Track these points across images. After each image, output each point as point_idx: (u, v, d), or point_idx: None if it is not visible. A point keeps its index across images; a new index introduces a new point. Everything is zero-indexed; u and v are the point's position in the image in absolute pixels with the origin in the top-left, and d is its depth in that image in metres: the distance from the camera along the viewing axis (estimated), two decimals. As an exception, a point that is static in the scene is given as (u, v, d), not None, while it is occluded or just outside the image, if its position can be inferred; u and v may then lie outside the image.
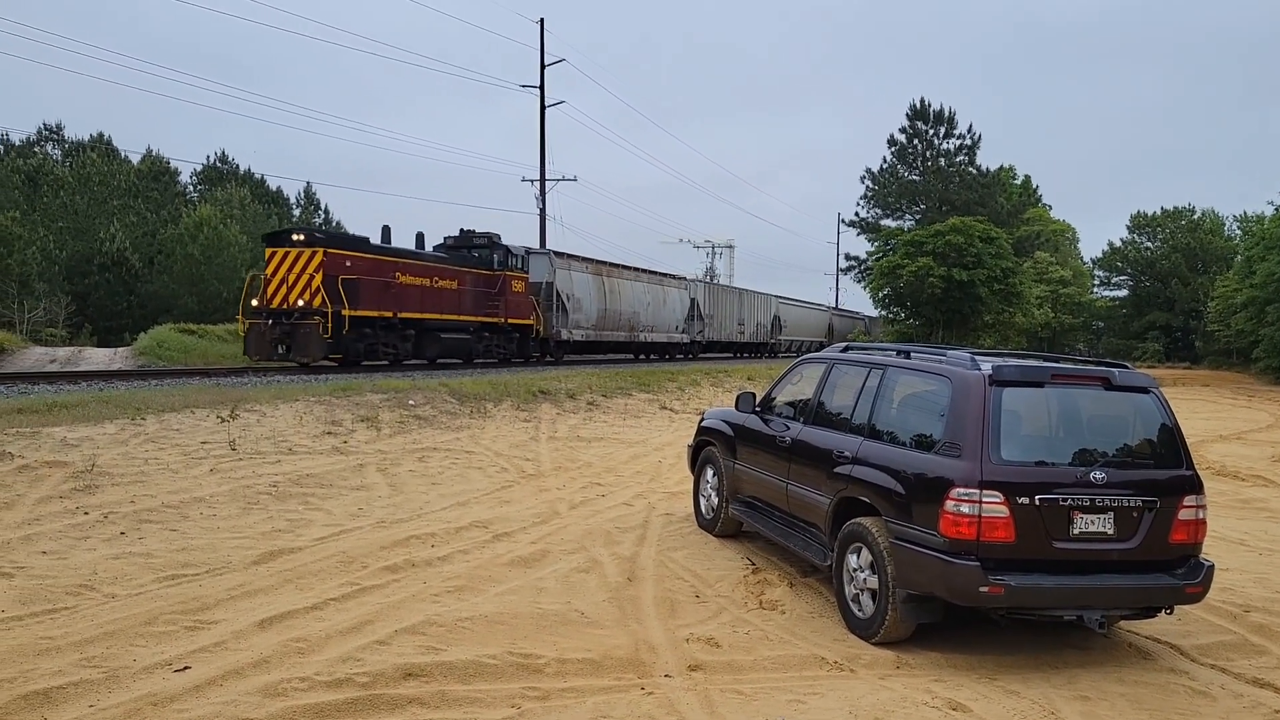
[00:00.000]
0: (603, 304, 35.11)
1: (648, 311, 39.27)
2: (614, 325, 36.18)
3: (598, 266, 35.74)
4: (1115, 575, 5.81)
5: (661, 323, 40.72)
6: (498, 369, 25.97)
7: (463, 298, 26.70)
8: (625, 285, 37.57)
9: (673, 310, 42.18)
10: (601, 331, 35.18)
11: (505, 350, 29.29)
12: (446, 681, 5.10)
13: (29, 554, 6.83)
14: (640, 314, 38.49)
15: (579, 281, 33.60)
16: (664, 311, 40.98)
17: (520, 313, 29.42)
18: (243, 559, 7.11)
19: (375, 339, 23.09)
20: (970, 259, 46.88)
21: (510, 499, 10.09)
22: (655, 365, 33.09)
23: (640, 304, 38.54)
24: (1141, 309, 72.39)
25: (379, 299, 22.85)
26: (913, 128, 70.63)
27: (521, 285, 29.55)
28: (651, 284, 40.27)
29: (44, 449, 9.68)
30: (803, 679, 5.54)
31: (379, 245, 24.08)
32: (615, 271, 37.24)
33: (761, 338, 54.30)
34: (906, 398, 6.72)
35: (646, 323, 39.22)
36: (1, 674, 4.77)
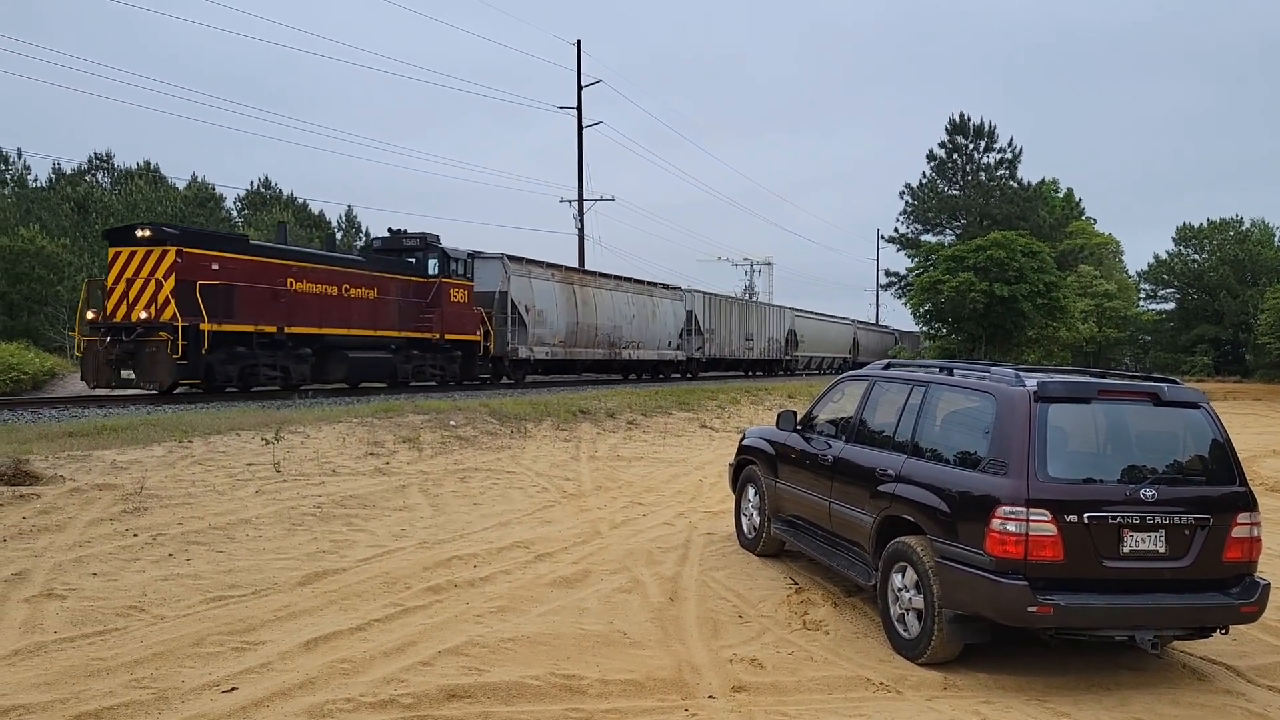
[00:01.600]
0: (573, 317, 31.09)
1: (632, 325, 35.34)
2: (589, 341, 32.28)
3: (567, 274, 31.81)
4: (1167, 594, 5.70)
5: (650, 338, 36.86)
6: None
7: (384, 309, 23.01)
8: (603, 296, 33.69)
9: (664, 324, 38.22)
10: (572, 349, 31.24)
11: (443, 371, 25.45)
12: (490, 703, 5.10)
13: (80, 575, 6.94)
14: (623, 328, 34.49)
15: (542, 291, 29.55)
16: (653, 326, 37.12)
17: (462, 327, 25.50)
18: (288, 580, 7.17)
19: (254, 359, 19.47)
20: (1012, 273, 46.42)
21: (551, 519, 10.10)
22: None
23: (622, 317, 34.59)
24: (1189, 322, 71.15)
25: (260, 310, 19.31)
26: (952, 142, 70.20)
27: (463, 295, 25.53)
28: (637, 294, 36.31)
29: (94, 472, 9.84)
30: (848, 701, 5.48)
31: (264, 245, 20.93)
32: (590, 280, 33.25)
33: (774, 354, 50.27)
34: (950, 415, 6.65)
35: (631, 338, 35.25)
36: (54, 694, 4.84)
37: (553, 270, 30.86)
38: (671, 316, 38.85)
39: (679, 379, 38.76)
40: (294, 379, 20.68)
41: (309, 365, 21.05)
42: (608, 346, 33.45)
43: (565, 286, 31.10)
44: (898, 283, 74.60)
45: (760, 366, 49.65)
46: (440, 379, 25.37)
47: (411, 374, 24.22)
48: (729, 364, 45.78)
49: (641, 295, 36.76)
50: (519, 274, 28.48)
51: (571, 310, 31.10)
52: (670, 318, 38.69)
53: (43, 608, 6.19)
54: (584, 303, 31.95)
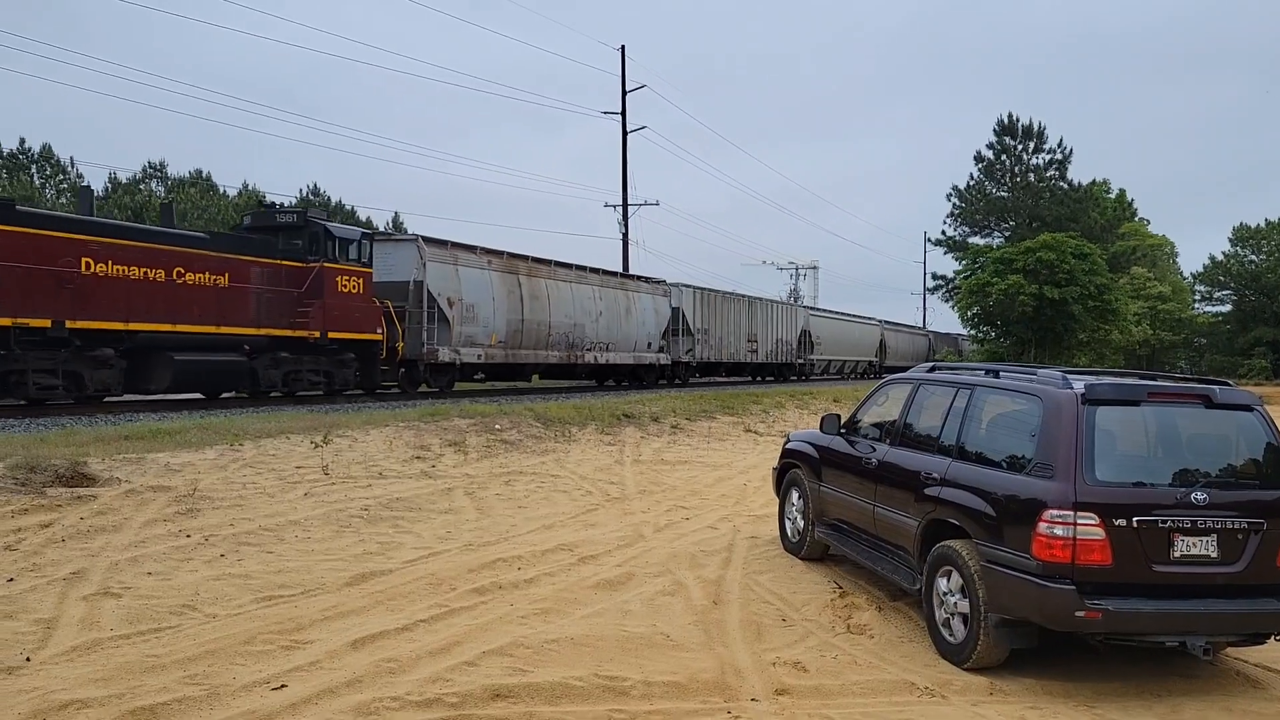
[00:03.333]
0: (517, 313, 26.46)
1: (599, 324, 30.47)
2: (539, 342, 27.55)
3: (510, 262, 26.93)
4: (1220, 600, 5.60)
5: (624, 339, 31.91)
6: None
7: (237, 300, 18.64)
8: (559, 289, 28.81)
9: (641, 323, 33.18)
10: (516, 350, 26.57)
11: (328, 378, 21.11)
12: (534, 703, 5.14)
13: (135, 575, 7.09)
14: (586, 327, 29.72)
15: (472, 281, 24.83)
16: (627, 324, 32.18)
17: (352, 323, 20.97)
18: (336, 580, 7.28)
19: (13, 363, 15.29)
20: (1062, 276, 45.79)
21: (595, 522, 10.15)
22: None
23: (585, 313, 29.83)
24: (1246, 324, 69.62)
25: (24, 299, 15.09)
26: (1000, 143, 69.45)
27: (356, 284, 21.11)
28: (606, 288, 31.43)
29: (149, 474, 10.05)
30: (892, 705, 5.45)
31: (41, 214, 17.04)
32: (540, 269, 28.34)
33: (783, 357, 45.31)
34: (996, 418, 6.59)
35: (597, 338, 30.38)
36: (111, 690, 4.95)
37: (489, 257, 26.13)
38: (652, 314, 34.04)
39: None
40: (90, 388, 16.49)
41: (114, 371, 16.81)
42: (565, 348, 28.78)
43: (506, 276, 26.43)
44: (945, 286, 73.91)
45: (768, 371, 44.95)
46: (329, 388, 21.26)
47: (281, 381, 19.97)
48: (730, 368, 41.71)
49: (613, 289, 31.94)
50: (439, 260, 23.83)
51: (514, 305, 26.39)
52: (650, 315, 33.89)
53: (99, 605, 6.34)
54: (532, 296, 27.27)
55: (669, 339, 35.43)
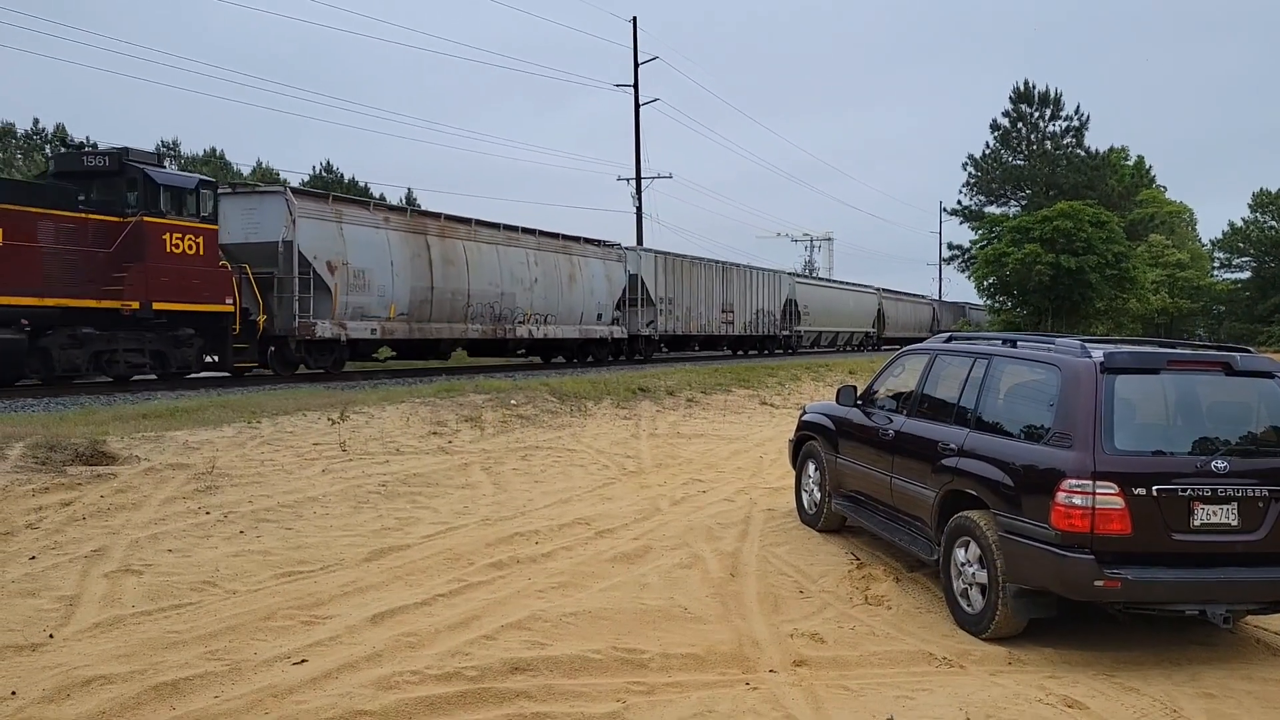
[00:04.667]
0: (425, 279, 22.92)
1: (533, 292, 26.82)
2: (453, 314, 23.91)
3: (416, 220, 23.55)
4: (1240, 568, 5.57)
5: (567, 309, 28.37)
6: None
7: (13, 262, 15.15)
8: (481, 252, 25.03)
9: (589, 291, 29.47)
10: (423, 324, 22.99)
11: (156, 360, 17.61)
12: (552, 676, 5.16)
13: (156, 552, 7.15)
14: (518, 296, 26.11)
15: (362, 242, 21.22)
16: (571, 293, 28.53)
17: (191, 291, 17.52)
18: (354, 556, 7.32)
19: None
20: (1080, 244, 45.45)
21: (612, 496, 10.16)
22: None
23: (516, 281, 26.14)
24: (1266, 291, 68.99)
25: None
26: (1016, 110, 68.78)
27: (194, 243, 17.56)
28: (544, 251, 27.74)
29: (168, 452, 10.12)
30: (911, 675, 5.45)
31: None
32: (454, 229, 24.51)
33: (765, 329, 42.18)
34: (1014, 388, 6.55)
35: (532, 309, 26.75)
36: (133, 665, 5.00)
37: (387, 213, 22.84)
38: (603, 282, 30.31)
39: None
40: None
41: None
42: (490, 321, 25.20)
43: (411, 237, 22.80)
44: (961, 256, 73.47)
45: (748, 345, 42.19)
46: (157, 370, 17.79)
47: (90, 363, 16.53)
48: (703, 341, 38.71)
49: (552, 253, 28.21)
50: (316, 215, 20.24)
51: (421, 270, 22.87)
52: (601, 283, 30.21)
53: (121, 583, 6.39)
54: (445, 260, 23.66)
55: (626, 310, 31.98)
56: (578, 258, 29.42)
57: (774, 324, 43.15)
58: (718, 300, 38.14)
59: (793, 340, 45.36)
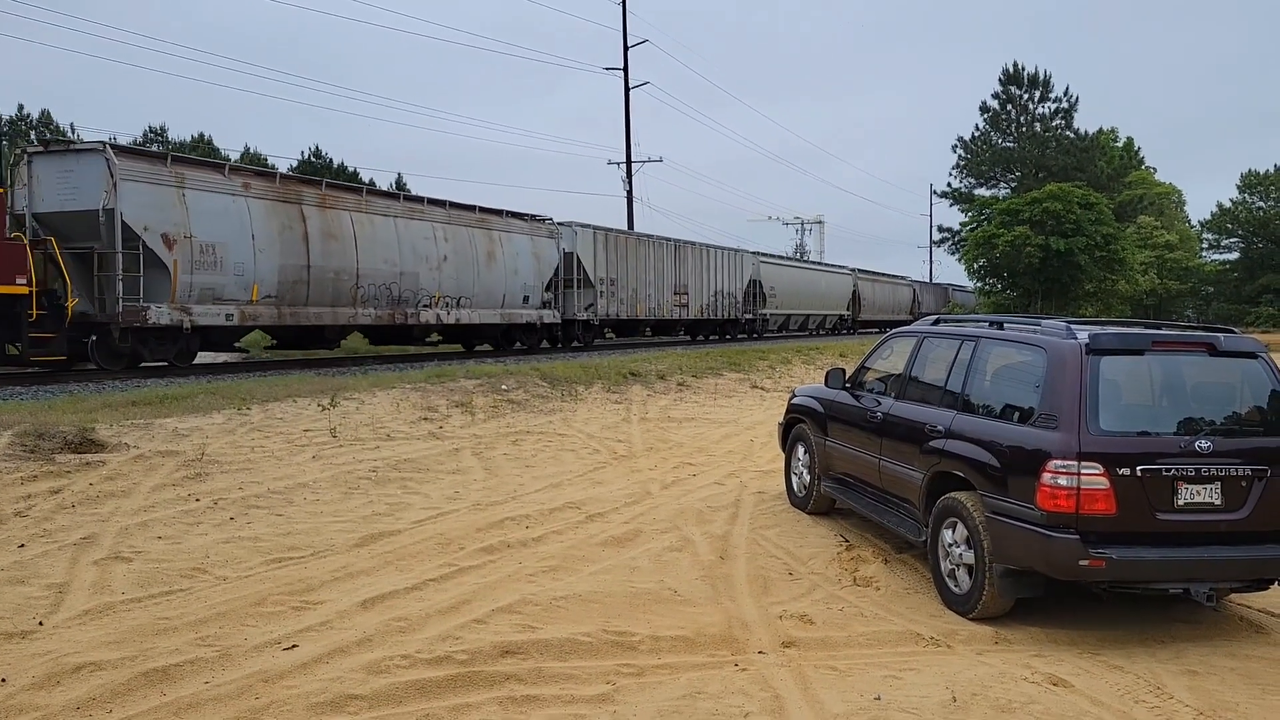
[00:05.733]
0: (299, 256, 19.81)
1: (442, 271, 23.73)
2: (338, 296, 20.85)
3: (286, 187, 20.10)
4: (1224, 547, 5.62)
5: (485, 292, 25.26)
6: None
7: None
8: (374, 226, 21.81)
9: (513, 271, 26.45)
10: (299, 308, 19.95)
11: None
12: (543, 659, 5.20)
13: (146, 539, 7.15)
14: (422, 276, 23.10)
15: (214, 212, 18.15)
16: (490, 273, 25.45)
17: None
18: (345, 542, 7.33)
19: None
20: (1069, 226, 45.60)
21: (602, 480, 10.19)
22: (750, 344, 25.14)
23: (420, 259, 23.10)
24: (1254, 272, 69.26)
25: None
26: (1005, 92, 68.77)
27: None
28: (456, 225, 24.53)
29: (157, 439, 10.10)
30: (898, 655, 5.50)
31: None
32: (339, 199, 21.29)
33: (725, 312, 39.31)
34: (1000, 369, 6.59)
35: (440, 290, 23.68)
36: (123, 652, 5.02)
37: (246, 178, 19.41)
38: (529, 260, 27.22)
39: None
40: None
41: None
42: (387, 305, 22.17)
43: (280, 207, 19.56)
44: (951, 238, 73.57)
45: (706, 329, 39.47)
46: None
47: None
48: (656, 326, 35.88)
49: (465, 228, 24.87)
50: (148, 179, 17.02)
51: (294, 246, 19.71)
52: (528, 262, 27.14)
53: (111, 570, 6.40)
54: (327, 234, 20.49)
55: (560, 292, 29.06)
56: (499, 233, 26.13)
57: (735, 307, 40.25)
58: (670, 281, 35.18)
59: (757, 324, 42.70)
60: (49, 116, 54.40)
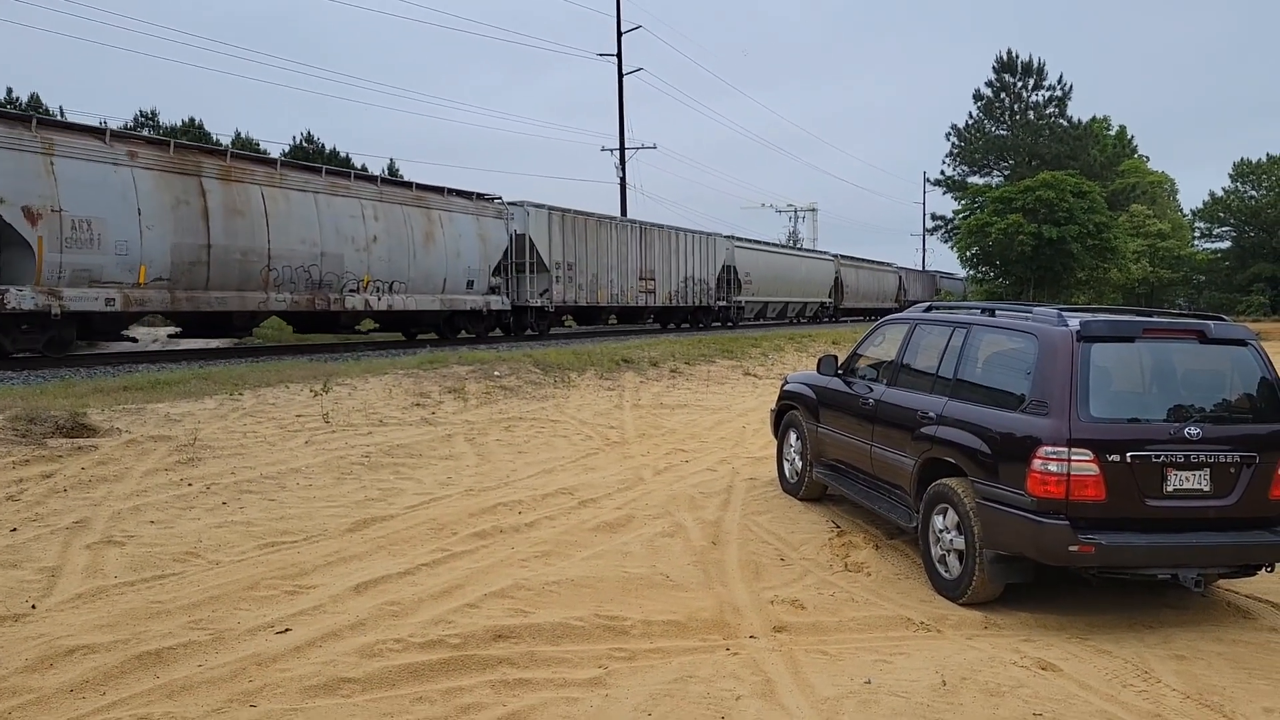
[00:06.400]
0: (198, 235, 17.69)
1: (371, 253, 21.66)
2: (245, 279, 18.73)
3: (182, 156, 17.88)
4: (1212, 533, 5.66)
5: (422, 275, 23.21)
6: None
7: None
8: (290, 202, 19.71)
9: (455, 253, 24.20)
10: (197, 292, 17.75)
11: None
12: (535, 643, 5.22)
13: (138, 523, 7.15)
14: (347, 257, 21.03)
15: (91, 182, 16.04)
16: (428, 255, 23.37)
17: None
18: (338, 527, 7.34)
19: None
20: (1062, 215, 45.69)
21: (595, 466, 10.21)
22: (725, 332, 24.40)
23: (346, 239, 20.97)
24: (1245, 261, 69.44)
25: None
26: (1000, 80, 68.79)
27: None
28: (387, 203, 22.38)
29: (149, 424, 10.09)
30: (889, 640, 5.53)
31: None
32: (247, 172, 19.10)
33: (696, 299, 37.43)
34: (992, 356, 6.61)
35: (370, 272, 21.55)
36: (116, 635, 5.02)
37: (132, 146, 17.23)
38: (474, 242, 24.96)
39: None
40: None
41: None
42: (305, 289, 20.02)
43: (173, 180, 17.39)
44: (944, 226, 73.62)
45: (676, 316, 37.66)
46: None
47: None
48: (623, 313, 34.34)
49: (398, 205, 22.77)
50: (5, 145, 14.99)
51: (191, 222, 17.58)
52: (472, 244, 24.86)
53: (103, 554, 6.40)
54: (231, 210, 18.40)
55: (512, 277, 27.05)
56: (439, 213, 23.94)
57: (708, 294, 38.37)
58: (634, 266, 32.97)
59: (732, 312, 40.55)
60: (38, 100, 53.99)
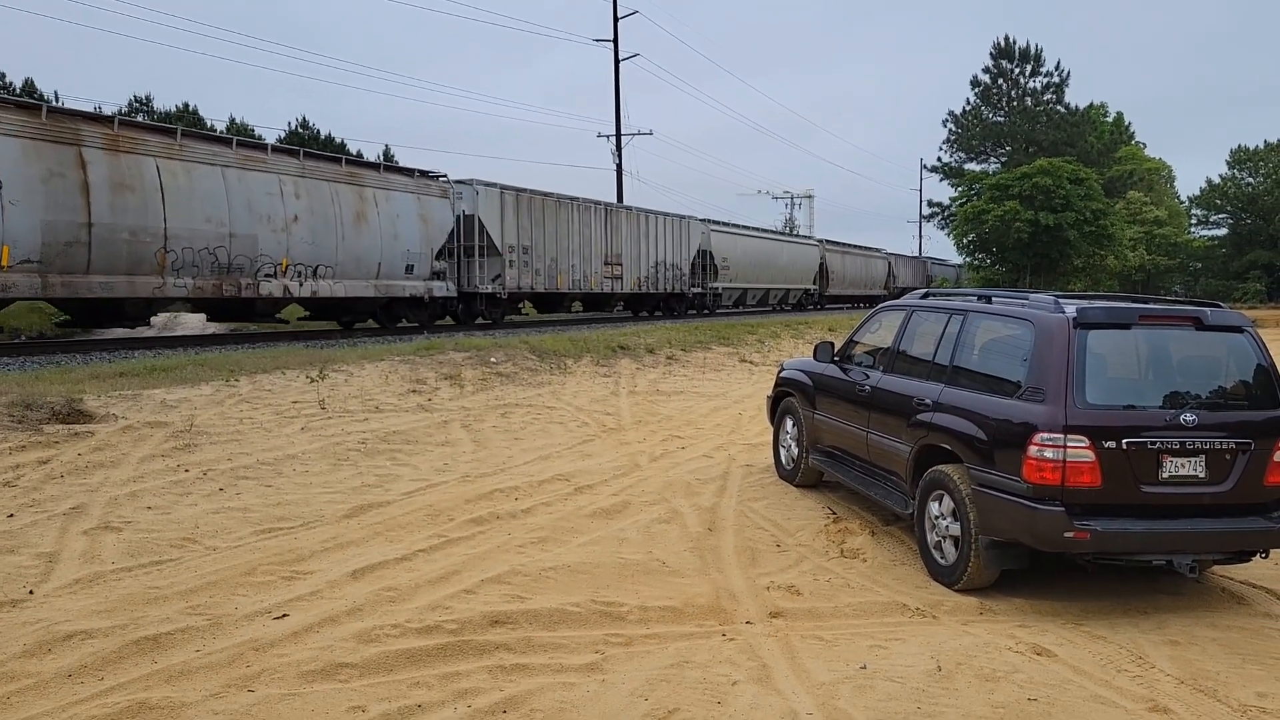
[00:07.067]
0: (76, 212, 15.45)
1: (291, 234, 19.31)
2: (135, 263, 16.45)
3: (57, 123, 15.54)
4: (1207, 519, 5.68)
5: (355, 258, 20.98)
6: None
7: None
8: (191, 176, 17.31)
9: (392, 235, 21.96)
10: (75, 277, 15.56)
11: None
12: (532, 629, 5.23)
13: (135, 509, 7.15)
14: (263, 239, 18.79)
15: None
16: (361, 236, 21.07)
17: None
18: (335, 513, 7.35)
19: None
20: (1059, 201, 45.67)
21: (591, 452, 10.22)
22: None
23: (260, 218, 18.66)
24: (1242, 248, 69.55)
25: None
26: (997, 66, 68.65)
27: None
28: (311, 179, 20.04)
29: (145, 410, 10.08)
30: (884, 625, 5.55)
31: None
32: (138, 141, 16.79)
33: (668, 285, 35.13)
34: (988, 343, 6.61)
35: (289, 255, 19.28)
36: (114, 621, 5.03)
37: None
38: (415, 223, 22.85)
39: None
40: None
41: None
42: (212, 273, 17.80)
43: (44, 149, 15.15)
44: (941, 213, 73.58)
45: (647, 304, 35.30)
46: None
47: None
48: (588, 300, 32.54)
49: (329, 182, 20.51)
50: None
51: (67, 197, 15.36)
52: (412, 225, 22.72)
53: (100, 540, 6.40)
54: (118, 185, 16.15)
55: (460, 261, 24.87)
56: (373, 190, 21.73)
57: (681, 280, 36.15)
58: (599, 250, 30.69)
59: (708, 299, 38.30)
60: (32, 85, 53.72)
